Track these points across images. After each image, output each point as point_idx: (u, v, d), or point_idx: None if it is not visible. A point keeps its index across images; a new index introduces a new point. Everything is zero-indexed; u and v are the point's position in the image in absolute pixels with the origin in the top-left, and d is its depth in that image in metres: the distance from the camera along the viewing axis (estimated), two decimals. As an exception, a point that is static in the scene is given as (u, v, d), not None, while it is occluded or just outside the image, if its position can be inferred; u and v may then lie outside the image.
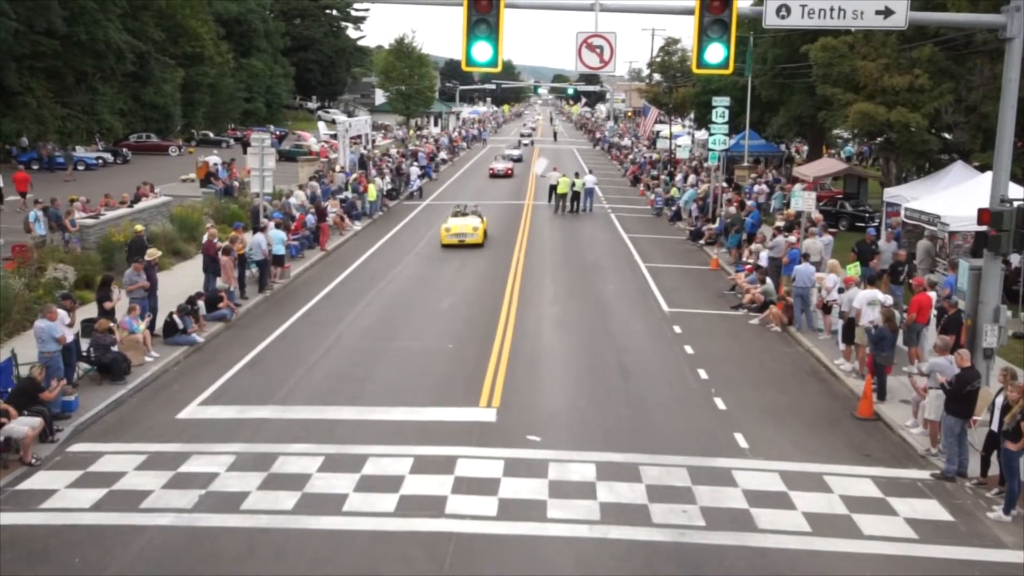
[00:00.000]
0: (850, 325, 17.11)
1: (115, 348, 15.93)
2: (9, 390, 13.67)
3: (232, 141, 68.07)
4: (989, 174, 15.95)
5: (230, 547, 10.37)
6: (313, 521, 10.93)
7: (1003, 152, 14.27)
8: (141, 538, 10.50)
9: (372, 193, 37.28)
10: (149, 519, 10.94)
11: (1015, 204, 13.78)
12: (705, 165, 43.98)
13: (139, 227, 22.79)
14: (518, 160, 65.26)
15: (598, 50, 15.00)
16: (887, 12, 13.86)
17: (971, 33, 25.52)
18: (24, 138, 50.05)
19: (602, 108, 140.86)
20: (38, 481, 12.03)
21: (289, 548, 10.36)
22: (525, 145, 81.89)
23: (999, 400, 11.74)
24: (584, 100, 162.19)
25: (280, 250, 23.88)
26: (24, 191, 34.28)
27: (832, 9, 13.88)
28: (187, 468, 12.42)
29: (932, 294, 17.45)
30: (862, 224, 33.13)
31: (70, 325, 15.43)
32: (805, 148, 54.78)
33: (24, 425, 12.51)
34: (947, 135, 29.40)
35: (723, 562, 10.24)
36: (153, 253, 19.59)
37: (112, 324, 16.31)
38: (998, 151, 14.36)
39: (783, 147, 54.18)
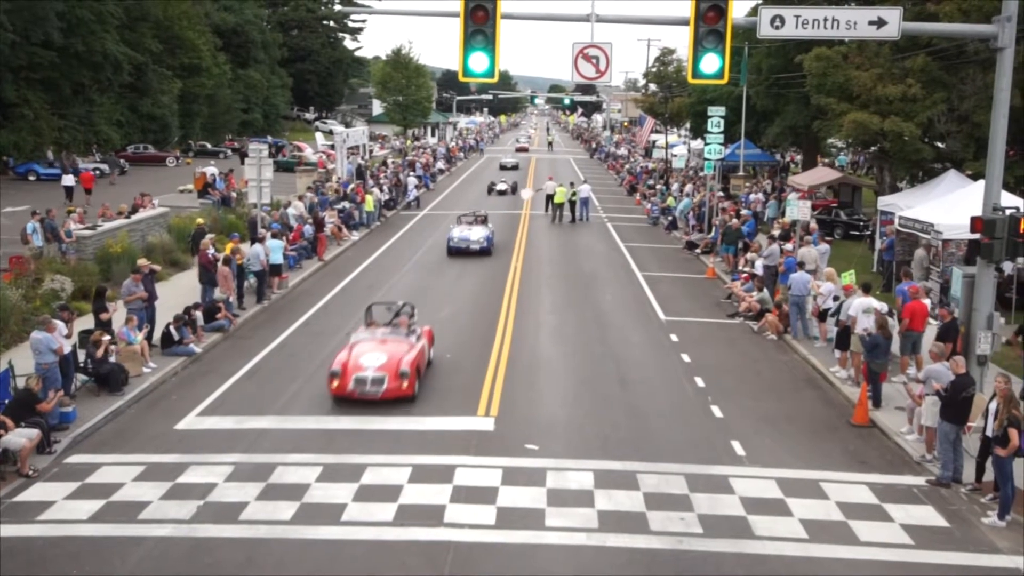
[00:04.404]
0: (844, 332, 17.19)
1: (112, 359, 15.94)
2: (6, 401, 13.67)
3: (230, 152, 68.09)
4: (982, 183, 16.06)
5: (229, 557, 10.39)
6: (312, 531, 10.96)
7: (995, 161, 14.41)
8: (140, 549, 10.52)
9: (370, 203, 37.37)
10: (147, 530, 10.95)
11: (1007, 212, 13.90)
12: (700, 174, 44.10)
13: (200, 220, 23.24)
14: (482, 251, 29.94)
15: (594, 60, 15.12)
16: (880, 22, 14.02)
17: (963, 43, 25.72)
18: (50, 152, 50.60)
19: (598, 118, 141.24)
20: (36, 493, 12.03)
21: (288, 558, 10.39)
22: (501, 192, 49.64)
23: (992, 406, 11.82)
24: (580, 110, 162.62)
25: (278, 260, 23.92)
26: (89, 188, 38.76)
27: (826, 19, 14.05)
28: (185, 479, 12.44)
29: (927, 301, 17.55)
30: (856, 233, 33.30)
31: (68, 336, 15.47)
32: (799, 157, 54.98)
33: (21, 437, 12.52)
34: (940, 144, 29.57)
35: (721, 569, 10.28)
36: (144, 263, 19.50)
37: (105, 336, 16.22)
38: (990, 160, 14.50)
39: (778, 156, 54.38)
